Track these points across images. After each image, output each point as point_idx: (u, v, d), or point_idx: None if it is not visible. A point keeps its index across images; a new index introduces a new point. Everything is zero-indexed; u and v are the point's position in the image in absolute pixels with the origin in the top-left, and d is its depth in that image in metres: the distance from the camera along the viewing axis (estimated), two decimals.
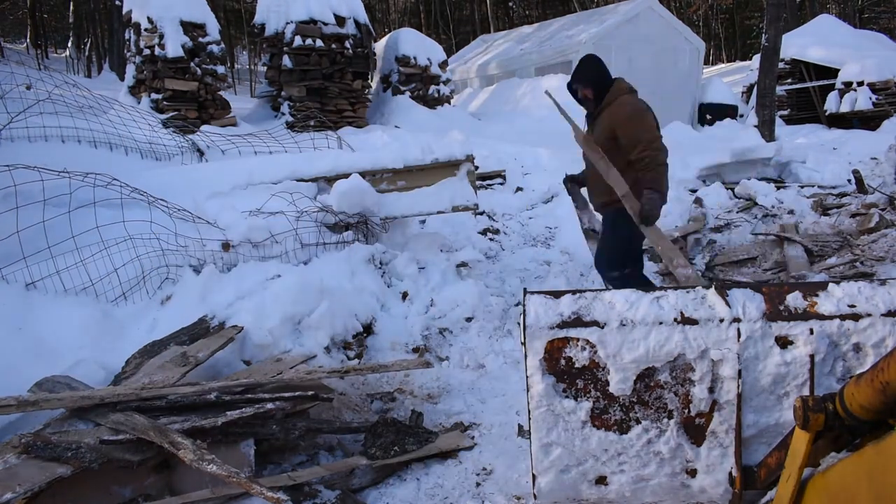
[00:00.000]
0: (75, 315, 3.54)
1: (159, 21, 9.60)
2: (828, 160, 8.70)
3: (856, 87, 14.53)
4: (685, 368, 2.14)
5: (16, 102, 5.30)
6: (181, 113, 9.45)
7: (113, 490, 2.55)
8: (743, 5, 34.00)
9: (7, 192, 3.77)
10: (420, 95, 12.64)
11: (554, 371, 2.17)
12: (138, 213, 4.11)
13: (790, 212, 6.92)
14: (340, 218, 4.70)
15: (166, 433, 2.52)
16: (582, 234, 4.69)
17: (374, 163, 5.02)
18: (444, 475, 2.89)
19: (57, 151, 5.08)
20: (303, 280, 3.92)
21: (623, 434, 2.18)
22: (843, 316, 2.08)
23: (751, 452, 2.17)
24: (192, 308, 3.76)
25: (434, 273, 4.80)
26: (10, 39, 32.64)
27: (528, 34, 18.89)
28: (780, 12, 11.77)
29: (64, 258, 3.74)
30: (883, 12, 30.13)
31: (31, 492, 2.22)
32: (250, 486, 2.37)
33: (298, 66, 10.85)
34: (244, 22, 28.99)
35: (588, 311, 2.18)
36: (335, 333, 3.85)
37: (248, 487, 2.37)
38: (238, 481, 2.38)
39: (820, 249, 5.64)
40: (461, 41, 31.50)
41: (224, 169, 5.16)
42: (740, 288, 2.21)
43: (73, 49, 27.58)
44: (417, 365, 3.48)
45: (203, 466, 2.40)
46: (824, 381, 2.08)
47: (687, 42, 16.28)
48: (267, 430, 2.81)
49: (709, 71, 24.57)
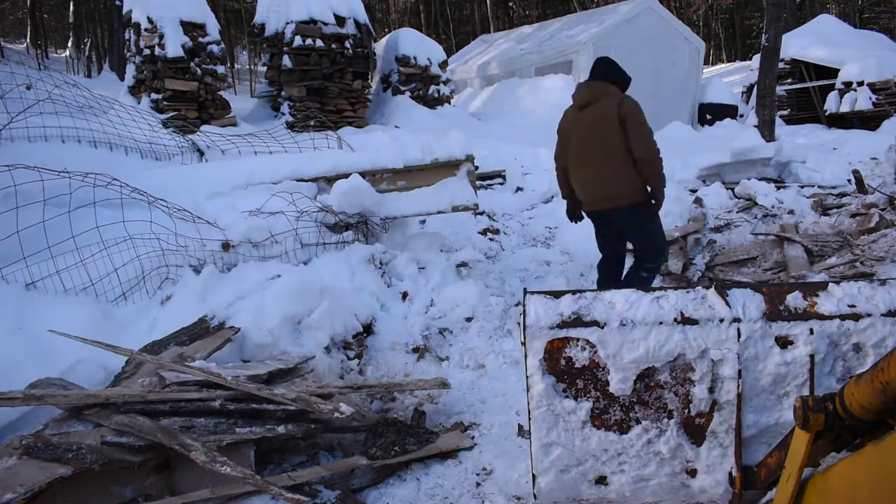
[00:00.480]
0: (75, 315, 3.53)
1: (159, 21, 9.61)
2: (828, 160, 8.71)
3: (856, 87, 14.54)
4: (685, 368, 2.14)
5: (16, 102, 5.30)
6: (181, 113, 9.46)
7: (113, 490, 2.55)
8: (743, 5, 34.00)
9: (7, 192, 3.77)
10: (420, 95, 12.65)
11: (554, 371, 2.17)
12: (138, 213, 4.11)
13: (790, 212, 6.92)
14: (340, 218, 4.70)
15: (175, 435, 2.51)
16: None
17: (374, 163, 5.02)
18: (444, 475, 2.89)
19: (57, 151, 5.09)
20: (303, 280, 3.92)
21: (623, 434, 2.18)
22: (843, 316, 2.08)
23: (751, 452, 2.17)
24: (192, 308, 3.76)
25: (434, 273, 4.80)
26: (10, 39, 32.63)
27: (528, 34, 18.89)
28: (780, 12, 11.77)
29: (64, 258, 3.74)
30: (883, 12, 30.13)
31: (31, 492, 2.22)
32: (267, 487, 2.36)
33: (298, 66, 10.85)
34: (244, 22, 28.99)
35: (588, 311, 2.18)
36: (335, 333, 3.85)
37: (265, 488, 2.37)
38: (254, 483, 2.38)
39: (820, 249, 5.65)
40: (461, 41, 31.50)
41: (224, 169, 5.16)
42: (740, 288, 2.21)
43: (73, 49, 27.58)
44: (434, 386, 3.43)
45: (216, 468, 2.40)
46: (824, 381, 2.08)
47: (687, 42, 16.28)
48: (267, 431, 2.81)
49: (709, 71, 24.57)
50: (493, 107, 15.22)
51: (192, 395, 2.79)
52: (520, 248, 6.19)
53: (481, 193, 6.80)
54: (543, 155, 9.06)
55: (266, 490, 2.36)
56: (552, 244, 6.34)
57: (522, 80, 15.73)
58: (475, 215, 6.62)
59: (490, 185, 7.98)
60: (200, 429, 2.67)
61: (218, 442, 2.60)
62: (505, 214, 7.09)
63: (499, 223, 6.80)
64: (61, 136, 5.42)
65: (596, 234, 4.57)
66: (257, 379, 3.04)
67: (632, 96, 4.13)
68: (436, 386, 3.45)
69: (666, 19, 16.16)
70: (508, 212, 7.17)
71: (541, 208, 7.36)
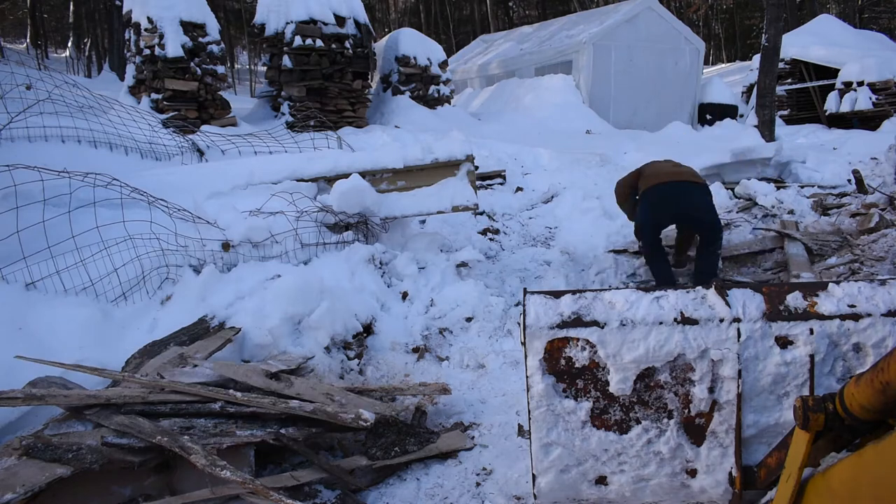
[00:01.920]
0: (75, 315, 3.53)
1: (159, 21, 9.60)
2: (828, 160, 8.70)
3: (856, 87, 14.54)
4: (685, 368, 2.14)
5: (16, 102, 5.31)
6: (181, 113, 9.45)
7: (113, 490, 2.55)
8: (743, 5, 34.01)
9: (7, 192, 3.77)
10: (420, 95, 12.64)
11: (554, 371, 2.17)
12: (138, 213, 4.11)
13: (790, 212, 6.92)
14: (340, 218, 4.70)
15: (175, 438, 2.51)
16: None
17: (374, 163, 5.02)
18: (444, 475, 2.89)
19: (57, 151, 5.09)
20: (303, 280, 3.92)
21: (623, 434, 2.18)
22: (843, 316, 2.08)
23: (751, 452, 2.17)
24: (192, 308, 3.76)
25: (434, 273, 4.80)
26: (10, 39, 32.62)
27: (528, 34, 18.89)
28: (780, 12, 11.77)
29: (64, 258, 3.74)
30: (883, 12, 30.13)
31: (31, 492, 2.22)
32: (267, 493, 2.33)
33: (298, 66, 10.85)
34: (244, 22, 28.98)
35: (588, 311, 2.18)
36: (335, 333, 3.85)
37: (266, 494, 2.34)
38: (254, 488, 2.36)
39: (819, 249, 5.64)
40: (461, 41, 31.50)
41: (224, 169, 5.16)
42: (740, 288, 2.21)
43: (73, 49, 27.58)
44: (436, 391, 3.42)
45: (216, 472, 2.38)
46: (824, 381, 2.08)
47: (687, 42, 16.28)
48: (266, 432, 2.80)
49: (709, 71, 24.58)
50: (493, 107, 15.22)
51: (193, 398, 2.79)
52: (519, 248, 6.19)
53: (481, 193, 6.81)
54: (543, 155, 9.06)
55: (266, 496, 2.34)
56: (552, 244, 6.33)
57: (522, 80, 15.74)
58: (475, 215, 6.62)
59: (490, 185, 7.98)
60: (200, 430, 2.67)
61: (218, 444, 2.59)
62: (505, 214, 7.08)
63: (499, 223, 6.80)
64: (61, 136, 5.42)
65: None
66: (267, 383, 3.02)
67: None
68: (437, 391, 3.42)
69: (666, 19, 16.15)
70: (508, 212, 7.17)
71: (541, 208, 7.35)
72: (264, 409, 2.78)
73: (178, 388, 2.80)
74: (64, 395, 2.69)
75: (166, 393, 2.79)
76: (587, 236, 6.26)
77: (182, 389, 2.80)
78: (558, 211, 6.94)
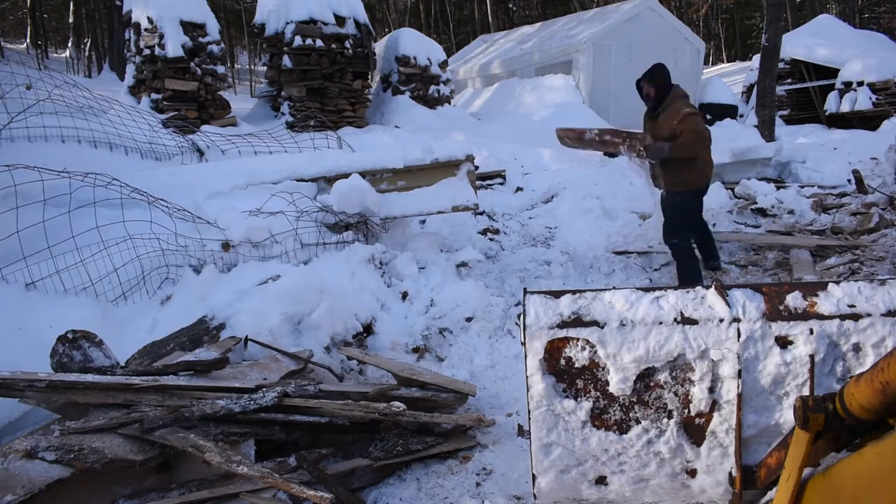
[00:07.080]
0: (75, 315, 3.53)
1: (159, 21, 9.60)
2: (828, 160, 8.71)
3: (856, 87, 14.53)
4: (685, 368, 2.14)
5: (16, 102, 5.31)
6: (181, 113, 9.45)
7: (113, 490, 2.55)
8: (743, 5, 33.99)
9: (7, 192, 3.77)
10: (420, 95, 12.64)
11: (554, 371, 2.17)
12: (138, 213, 4.11)
13: (790, 212, 6.92)
14: (340, 218, 4.70)
15: (186, 437, 2.51)
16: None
17: (374, 163, 5.02)
18: (444, 475, 2.89)
19: (57, 151, 5.09)
20: (303, 280, 3.92)
21: (623, 434, 2.18)
22: (843, 316, 2.07)
23: (751, 452, 2.16)
24: (192, 308, 3.76)
25: (434, 273, 4.80)
26: (10, 39, 32.62)
27: (529, 34, 18.88)
28: (780, 12, 11.78)
29: (64, 258, 3.74)
30: (883, 12, 30.12)
31: (31, 493, 2.22)
32: (288, 487, 2.32)
33: (298, 66, 10.85)
34: (244, 22, 29.00)
35: (588, 311, 2.18)
36: (335, 333, 3.85)
37: (287, 488, 2.32)
38: (275, 482, 2.34)
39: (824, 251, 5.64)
40: (461, 41, 31.50)
41: (224, 169, 5.16)
42: (740, 288, 2.21)
43: (73, 49, 27.59)
44: (470, 420, 3.19)
45: (232, 468, 2.37)
46: (824, 381, 2.08)
47: (687, 42, 16.27)
48: (268, 431, 2.81)
49: (709, 71, 24.55)
50: (493, 107, 15.21)
51: (213, 409, 2.72)
52: (520, 248, 6.19)
53: (481, 193, 6.80)
54: (543, 155, 9.06)
55: (286, 489, 2.32)
56: (552, 244, 6.33)
57: (523, 80, 15.72)
58: (475, 215, 6.62)
59: (490, 185, 7.98)
60: (201, 429, 2.66)
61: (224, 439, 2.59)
62: (505, 214, 7.08)
63: (499, 223, 6.80)
64: (61, 136, 5.43)
65: (698, 209, 5.28)
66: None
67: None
68: (472, 420, 3.19)
69: (666, 19, 16.14)
70: (508, 212, 7.17)
71: (541, 208, 7.35)
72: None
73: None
74: (83, 391, 2.64)
75: (186, 402, 2.75)
76: (587, 236, 6.27)
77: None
78: (558, 211, 6.94)
